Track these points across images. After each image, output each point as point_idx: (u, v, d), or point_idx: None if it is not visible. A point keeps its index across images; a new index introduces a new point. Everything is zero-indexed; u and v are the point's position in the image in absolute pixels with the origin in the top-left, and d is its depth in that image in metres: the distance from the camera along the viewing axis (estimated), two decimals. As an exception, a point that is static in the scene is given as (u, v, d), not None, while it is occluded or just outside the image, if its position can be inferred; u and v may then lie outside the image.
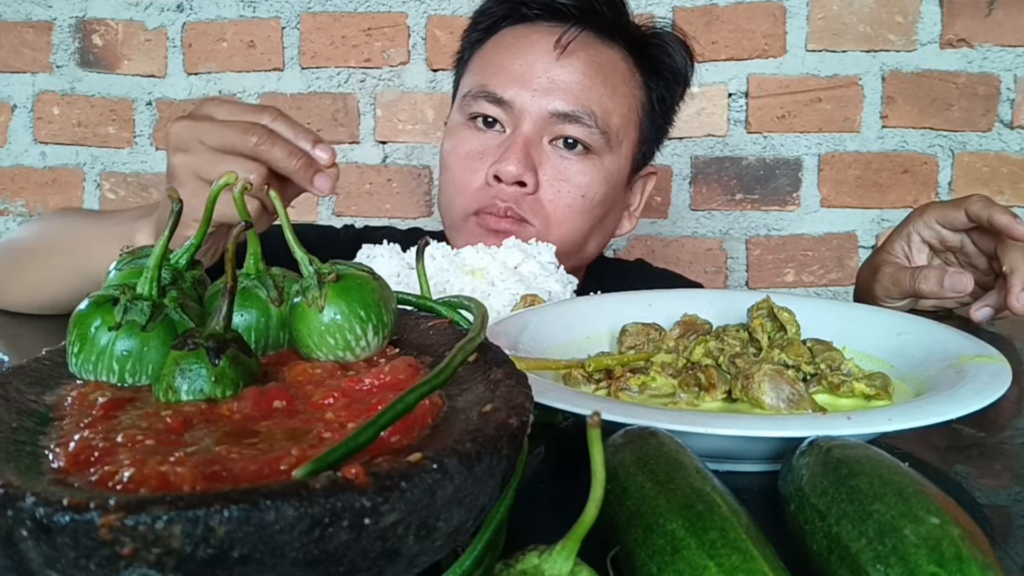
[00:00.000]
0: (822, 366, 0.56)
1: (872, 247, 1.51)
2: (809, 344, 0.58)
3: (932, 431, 0.53)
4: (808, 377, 0.55)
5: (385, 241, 0.84)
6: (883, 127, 1.49)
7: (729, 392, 0.53)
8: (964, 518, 0.29)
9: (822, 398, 0.53)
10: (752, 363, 0.54)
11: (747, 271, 1.54)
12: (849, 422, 0.41)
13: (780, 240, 1.53)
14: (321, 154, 0.68)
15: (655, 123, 0.99)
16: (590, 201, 0.92)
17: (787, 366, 0.55)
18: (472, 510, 0.28)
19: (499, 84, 0.91)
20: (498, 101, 0.90)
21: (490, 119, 0.92)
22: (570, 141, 0.91)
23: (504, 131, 0.91)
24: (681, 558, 0.29)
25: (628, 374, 0.55)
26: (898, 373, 0.57)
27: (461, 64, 1.01)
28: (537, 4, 0.93)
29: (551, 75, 0.90)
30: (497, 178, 0.88)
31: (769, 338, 0.59)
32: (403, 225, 1.36)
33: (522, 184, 0.88)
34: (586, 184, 0.91)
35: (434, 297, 0.45)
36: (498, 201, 0.89)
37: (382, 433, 0.28)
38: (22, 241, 0.91)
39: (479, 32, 0.98)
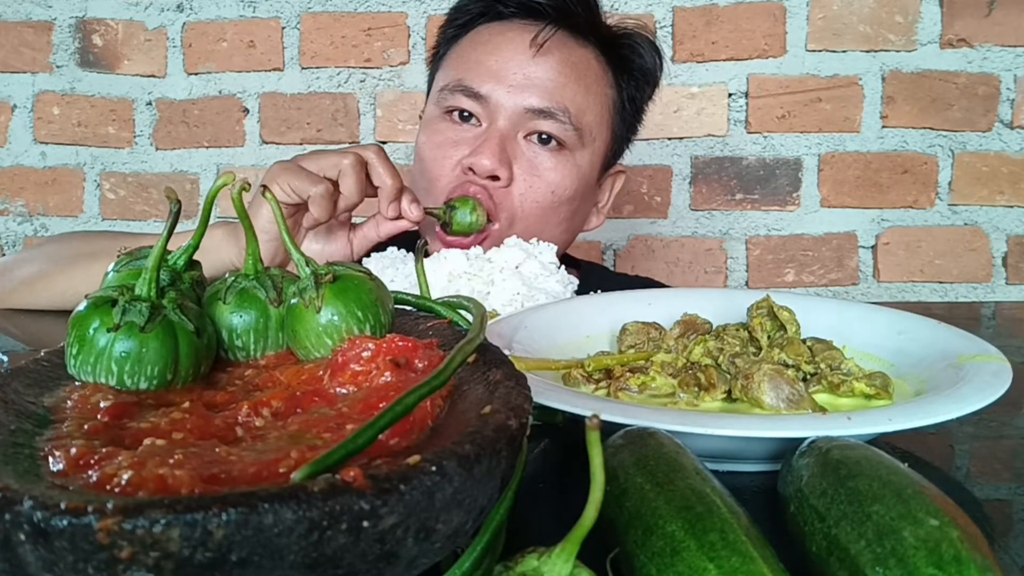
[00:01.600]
0: (822, 365, 0.56)
1: (872, 247, 1.51)
2: (809, 343, 0.58)
3: (932, 431, 0.53)
4: (808, 377, 0.55)
5: (392, 248, 0.84)
6: (883, 127, 1.49)
7: (729, 392, 0.53)
8: (963, 519, 0.29)
9: (822, 398, 0.53)
10: (752, 363, 0.54)
11: (747, 271, 1.54)
12: (849, 422, 0.41)
13: (780, 240, 1.53)
14: (414, 211, 0.81)
15: (626, 121, 1.01)
16: (558, 198, 0.93)
17: (787, 365, 0.55)
18: (471, 512, 0.28)
19: (475, 79, 0.92)
20: (474, 95, 0.92)
21: (466, 113, 0.93)
22: (544, 137, 0.92)
23: (480, 125, 0.93)
24: (680, 560, 0.29)
25: (628, 374, 0.55)
26: (898, 372, 0.56)
27: (436, 60, 1.03)
28: (513, 2, 0.95)
29: (526, 72, 0.91)
30: (471, 170, 0.89)
31: (769, 337, 0.59)
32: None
33: (495, 178, 0.90)
34: (557, 181, 0.93)
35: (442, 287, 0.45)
36: (469, 186, 0.90)
37: (380, 436, 0.28)
38: (63, 254, 0.93)
39: (454, 28, 1.00)
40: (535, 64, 0.91)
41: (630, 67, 0.99)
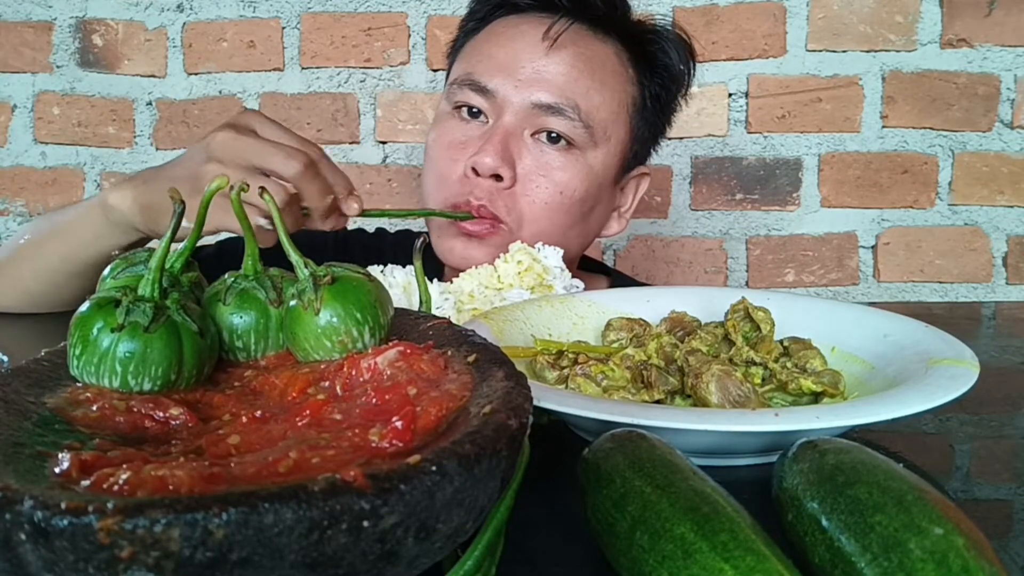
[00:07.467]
0: (788, 365, 0.56)
1: (872, 247, 1.51)
2: (786, 343, 0.58)
3: (932, 431, 0.53)
4: (769, 376, 0.56)
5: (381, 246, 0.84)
6: (883, 127, 1.49)
7: (682, 390, 0.54)
8: (966, 523, 0.29)
9: (785, 397, 0.54)
10: (703, 362, 0.54)
11: (747, 271, 1.54)
12: (776, 419, 0.42)
13: (780, 240, 1.53)
14: (353, 205, 0.75)
15: (648, 121, 0.97)
16: (568, 199, 0.90)
17: (754, 363, 0.56)
18: (471, 512, 0.28)
19: (483, 73, 0.89)
20: (481, 90, 0.89)
21: (474, 109, 0.90)
22: (553, 135, 0.89)
23: (487, 122, 0.90)
24: (695, 562, 0.29)
25: (592, 362, 0.56)
26: (875, 375, 0.56)
27: (453, 53, 1.00)
28: None
29: (536, 66, 0.88)
30: (475, 171, 0.87)
31: (744, 338, 0.59)
32: (402, 226, 1.36)
33: (498, 178, 0.87)
34: (565, 181, 0.89)
35: (434, 300, 0.45)
36: (471, 198, 0.87)
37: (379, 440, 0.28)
38: (9, 246, 0.92)
39: (474, 22, 0.97)
40: (547, 58, 0.88)
41: (655, 64, 0.95)
